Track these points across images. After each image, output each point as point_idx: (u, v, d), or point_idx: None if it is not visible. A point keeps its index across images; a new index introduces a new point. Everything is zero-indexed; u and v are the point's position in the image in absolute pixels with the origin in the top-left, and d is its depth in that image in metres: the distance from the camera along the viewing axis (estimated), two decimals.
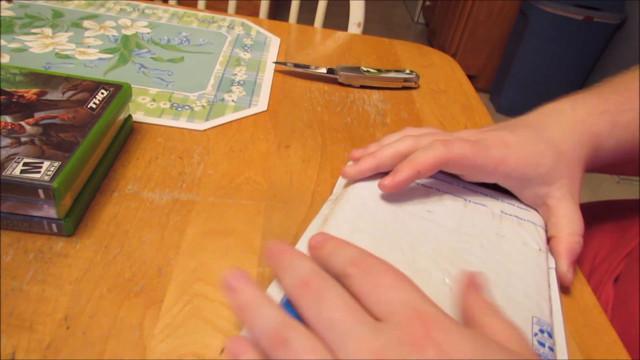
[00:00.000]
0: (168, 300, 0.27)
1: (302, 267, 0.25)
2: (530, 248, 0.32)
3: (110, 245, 0.30)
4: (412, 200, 0.34)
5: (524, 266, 0.31)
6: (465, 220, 0.33)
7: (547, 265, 0.32)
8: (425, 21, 3.06)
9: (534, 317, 0.28)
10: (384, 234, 0.30)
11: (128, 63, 0.50)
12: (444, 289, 0.28)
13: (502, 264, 0.31)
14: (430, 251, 0.30)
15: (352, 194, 0.33)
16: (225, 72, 0.52)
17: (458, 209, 0.34)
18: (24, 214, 0.29)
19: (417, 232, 0.31)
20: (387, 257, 0.25)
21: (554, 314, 0.30)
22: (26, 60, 0.47)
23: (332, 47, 0.63)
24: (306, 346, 0.21)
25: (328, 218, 0.32)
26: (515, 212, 0.35)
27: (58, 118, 0.33)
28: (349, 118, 0.48)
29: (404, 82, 0.55)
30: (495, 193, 0.37)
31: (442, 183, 0.36)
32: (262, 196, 0.36)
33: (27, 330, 0.25)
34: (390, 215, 0.32)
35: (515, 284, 0.29)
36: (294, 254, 0.26)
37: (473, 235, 0.32)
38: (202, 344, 0.26)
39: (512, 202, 0.36)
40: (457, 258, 0.30)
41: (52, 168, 0.29)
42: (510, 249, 0.32)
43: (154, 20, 0.60)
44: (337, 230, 0.30)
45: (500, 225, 0.34)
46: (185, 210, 0.34)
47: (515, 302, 0.28)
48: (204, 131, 0.42)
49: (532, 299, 0.29)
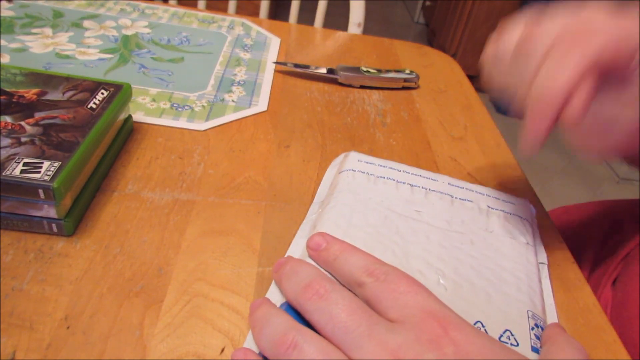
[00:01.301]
0: (168, 300, 0.27)
1: (306, 272, 0.25)
2: (519, 242, 0.33)
3: (111, 245, 0.30)
4: (399, 201, 0.34)
5: (514, 261, 0.31)
6: (453, 218, 0.33)
7: (537, 260, 0.32)
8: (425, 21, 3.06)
9: (529, 311, 0.28)
10: (375, 237, 0.30)
11: (128, 63, 0.50)
12: (439, 289, 0.28)
13: (494, 260, 0.31)
14: (421, 252, 0.30)
15: (339, 198, 0.33)
16: (225, 72, 0.52)
17: (445, 207, 0.34)
18: (24, 214, 0.29)
19: (407, 234, 0.31)
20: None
21: (547, 308, 0.30)
22: (26, 60, 0.47)
23: (332, 47, 0.63)
24: (317, 348, 0.21)
25: (316, 224, 0.32)
26: (501, 206, 0.35)
27: (58, 118, 0.33)
28: (348, 118, 0.48)
29: (404, 82, 0.55)
30: (481, 187, 0.37)
31: (428, 181, 0.36)
32: (262, 196, 0.36)
33: (27, 330, 0.25)
34: (379, 217, 0.32)
35: (508, 279, 0.29)
36: (296, 261, 0.26)
37: (462, 232, 0.32)
38: (202, 344, 0.26)
39: (497, 195, 0.36)
40: (449, 257, 0.30)
41: (52, 168, 0.29)
42: (499, 245, 0.32)
43: (154, 20, 0.60)
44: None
45: (487, 220, 0.34)
46: (185, 210, 0.34)
47: (510, 297, 0.28)
48: (204, 131, 0.42)
49: (525, 293, 0.29)
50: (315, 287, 0.23)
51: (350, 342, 0.21)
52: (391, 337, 0.21)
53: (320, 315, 0.22)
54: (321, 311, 0.22)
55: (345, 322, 0.22)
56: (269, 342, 0.22)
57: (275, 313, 0.23)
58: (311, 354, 0.21)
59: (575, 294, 0.33)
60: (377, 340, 0.21)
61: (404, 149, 0.45)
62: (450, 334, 0.21)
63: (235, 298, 0.28)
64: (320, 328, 0.22)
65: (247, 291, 0.29)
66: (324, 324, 0.22)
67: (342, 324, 0.22)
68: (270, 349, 0.22)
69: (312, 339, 0.21)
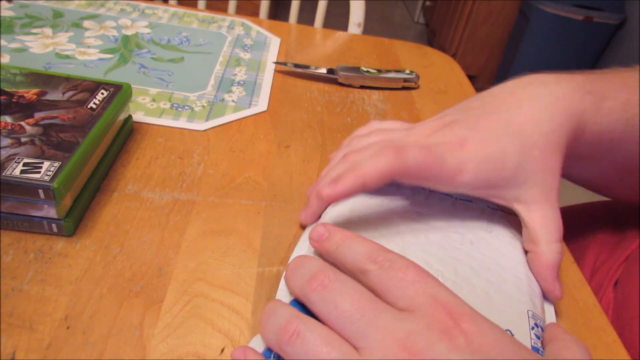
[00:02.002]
0: (168, 300, 0.27)
1: (311, 264, 0.24)
2: (519, 241, 0.33)
3: (110, 245, 0.30)
4: (400, 202, 0.34)
5: (514, 261, 0.31)
6: (454, 218, 0.33)
7: None
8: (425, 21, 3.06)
9: (529, 311, 0.28)
10: (374, 238, 0.30)
11: (128, 63, 0.50)
12: None
13: (494, 260, 0.31)
14: (421, 253, 0.30)
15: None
16: (225, 72, 0.52)
17: (446, 207, 0.34)
18: (24, 214, 0.29)
19: (408, 234, 0.31)
20: None
21: (546, 308, 0.30)
22: (26, 60, 0.47)
23: (332, 47, 0.63)
24: (321, 336, 0.21)
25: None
26: (501, 206, 0.35)
27: (58, 118, 0.33)
28: (348, 118, 0.48)
29: (404, 82, 0.55)
30: None
31: None
32: (262, 196, 0.36)
33: (27, 330, 0.25)
34: (379, 218, 0.32)
35: (508, 279, 0.29)
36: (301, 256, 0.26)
37: (462, 233, 0.32)
38: (202, 344, 0.26)
39: None
40: (448, 257, 0.30)
41: (52, 168, 0.29)
42: (499, 245, 0.32)
43: (154, 20, 0.60)
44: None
45: (487, 221, 0.34)
46: (185, 210, 0.34)
47: (510, 297, 0.28)
48: (204, 131, 0.42)
49: (525, 293, 0.29)
50: (320, 277, 0.23)
51: (354, 331, 0.21)
52: (399, 325, 0.20)
53: (324, 305, 0.22)
54: (325, 301, 0.22)
55: (349, 310, 0.21)
56: (273, 332, 0.22)
57: (282, 305, 0.23)
58: (314, 342, 0.20)
59: (575, 294, 0.33)
60: (383, 328, 0.20)
61: None
62: (462, 325, 0.20)
63: (235, 298, 0.28)
64: (325, 318, 0.22)
65: (247, 291, 0.29)
66: (328, 313, 0.22)
67: (346, 313, 0.21)
68: (274, 338, 0.22)
69: (315, 327, 0.21)
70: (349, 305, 0.21)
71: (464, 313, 0.21)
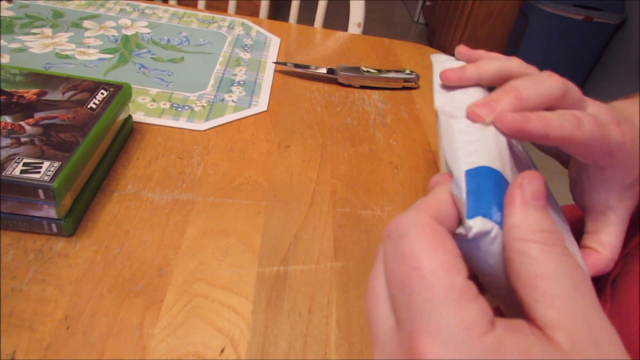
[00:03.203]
0: (168, 300, 0.27)
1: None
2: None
3: (110, 245, 0.30)
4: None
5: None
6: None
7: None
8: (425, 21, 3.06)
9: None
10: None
11: (128, 63, 0.50)
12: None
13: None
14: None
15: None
16: (225, 72, 0.52)
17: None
18: (24, 214, 0.29)
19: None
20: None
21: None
22: (26, 60, 0.47)
23: (332, 47, 0.63)
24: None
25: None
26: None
27: (58, 118, 0.33)
28: (349, 118, 0.48)
29: (404, 82, 0.55)
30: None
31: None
32: (262, 196, 0.36)
33: (27, 330, 0.25)
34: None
35: None
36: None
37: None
38: (202, 344, 0.26)
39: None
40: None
41: (52, 168, 0.29)
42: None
43: (154, 20, 0.60)
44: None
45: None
46: (185, 210, 0.34)
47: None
48: (204, 131, 0.42)
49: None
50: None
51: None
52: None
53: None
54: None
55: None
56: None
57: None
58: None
59: None
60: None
61: (404, 149, 0.45)
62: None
63: (235, 298, 0.28)
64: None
65: (247, 291, 0.29)
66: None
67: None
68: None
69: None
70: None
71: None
